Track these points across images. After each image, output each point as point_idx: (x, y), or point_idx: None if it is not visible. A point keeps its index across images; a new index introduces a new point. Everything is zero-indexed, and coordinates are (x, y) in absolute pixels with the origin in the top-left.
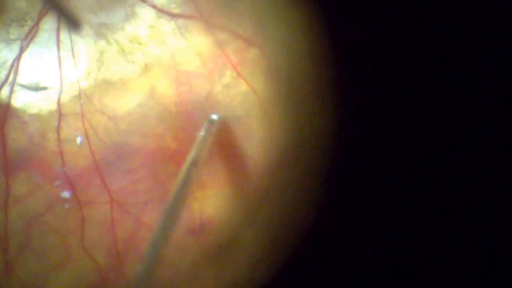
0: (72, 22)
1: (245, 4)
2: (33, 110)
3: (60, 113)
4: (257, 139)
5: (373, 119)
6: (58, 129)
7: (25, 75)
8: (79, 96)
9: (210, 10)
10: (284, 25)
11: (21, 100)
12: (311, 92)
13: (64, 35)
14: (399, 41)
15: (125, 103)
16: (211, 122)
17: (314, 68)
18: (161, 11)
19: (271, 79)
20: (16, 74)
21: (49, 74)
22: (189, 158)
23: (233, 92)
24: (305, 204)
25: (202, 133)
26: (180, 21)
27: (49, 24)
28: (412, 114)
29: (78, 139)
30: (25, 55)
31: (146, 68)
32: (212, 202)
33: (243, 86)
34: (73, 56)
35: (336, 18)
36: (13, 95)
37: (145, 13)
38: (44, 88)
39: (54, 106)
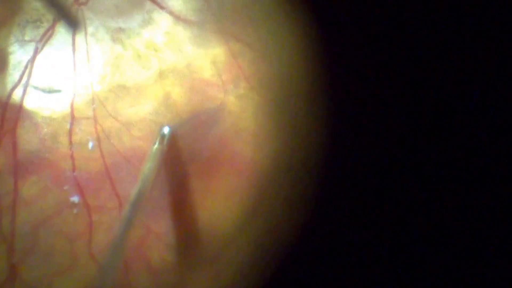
0: (70, 20)
1: (256, 14)
2: (45, 113)
3: (72, 117)
4: (262, 148)
5: (368, 125)
6: (70, 133)
7: (39, 77)
8: (92, 100)
9: (226, 19)
10: (283, 35)
11: (34, 102)
12: (307, 100)
13: (79, 38)
14: (394, 47)
15: (139, 109)
16: (163, 135)
17: (311, 76)
18: (178, 18)
19: (276, 88)
20: (30, 75)
21: (63, 77)
22: (143, 170)
23: (245, 102)
24: (299, 209)
25: (155, 146)
26: (196, 29)
27: (65, 26)
28: (410, 120)
29: (90, 144)
30: (39, 57)
31: (161, 74)
32: (207, 209)
33: (255, 97)
34: (88, 60)
35: (331, 26)
36: (26, 96)
37: (162, 20)
38: (58, 91)
39: (67, 110)
